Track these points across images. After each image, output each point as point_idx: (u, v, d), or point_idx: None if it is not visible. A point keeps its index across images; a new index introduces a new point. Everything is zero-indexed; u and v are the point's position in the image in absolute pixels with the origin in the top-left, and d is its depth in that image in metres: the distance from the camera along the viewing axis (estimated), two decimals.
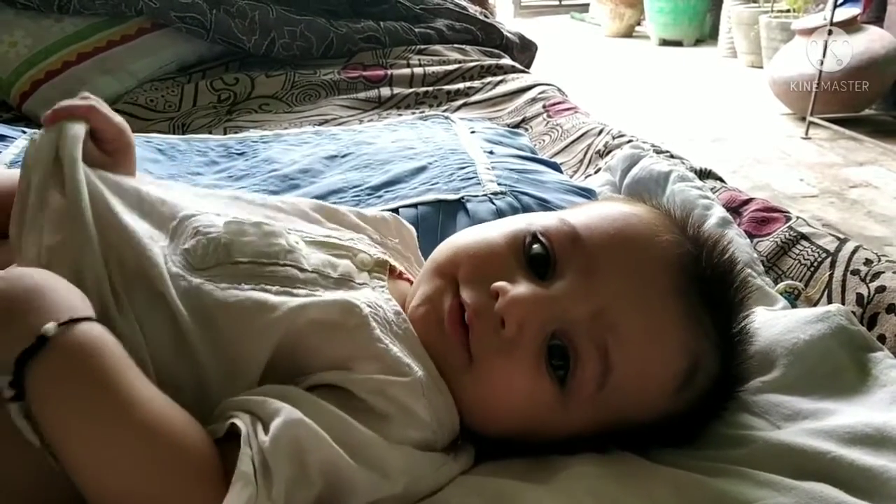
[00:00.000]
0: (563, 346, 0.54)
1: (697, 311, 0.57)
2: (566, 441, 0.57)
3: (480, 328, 0.54)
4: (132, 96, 1.60)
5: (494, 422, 0.57)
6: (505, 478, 0.54)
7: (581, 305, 0.55)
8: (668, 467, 0.56)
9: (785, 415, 0.62)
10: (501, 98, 1.64)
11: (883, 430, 0.56)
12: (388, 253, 0.67)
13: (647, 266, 0.57)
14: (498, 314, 0.54)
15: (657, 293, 0.56)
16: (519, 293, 0.54)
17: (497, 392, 0.55)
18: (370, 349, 0.53)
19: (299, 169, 1.03)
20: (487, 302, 0.55)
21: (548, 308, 0.54)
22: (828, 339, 0.67)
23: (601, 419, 0.57)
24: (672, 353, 0.56)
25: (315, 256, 0.59)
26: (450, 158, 1.03)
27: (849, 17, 3.38)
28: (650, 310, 0.55)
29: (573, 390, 0.54)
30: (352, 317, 0.54)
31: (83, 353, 0.44)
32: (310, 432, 0.47)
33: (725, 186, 1.07)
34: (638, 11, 6.20)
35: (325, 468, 0.47)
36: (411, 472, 0.52)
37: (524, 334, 0.54)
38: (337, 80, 1.68)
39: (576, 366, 0.54)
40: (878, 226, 2.53)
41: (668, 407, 0.57)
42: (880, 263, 0.81)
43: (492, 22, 2.10)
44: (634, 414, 0.57)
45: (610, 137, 1.27)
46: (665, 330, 0.56)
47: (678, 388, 0.57)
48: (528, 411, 0.56)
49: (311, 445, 0.47)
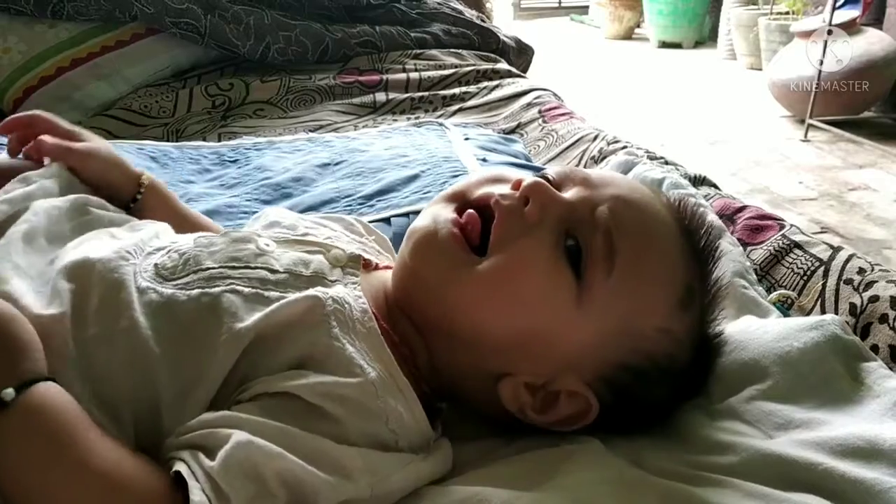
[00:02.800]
0: (577, 245, 0.57)
1: (687, 245, 0.61)
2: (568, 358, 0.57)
3: (505, 211, 0.58)
4: (126, 102, 1.60)
5: (504, 322, 0.57)
6: (490, 486, 0.53)
7: (587, 205, 0.59)
8: (656, 476, 0.55)
9: (777, 424, 0.61)
10: (497, 103, 1.63)
11: (874, 442, 0.56)
12: (364, 250, 0.67)
13: (644, 193, 0.62)
14: (522, 194, 0.58)
15: (653, 211, 0.61)
16: (541, 181, 0.59)
17: (516, 277, 0.56)
18: (326, 348, 0.53)
19: (292, 177, 1.03)
20: (511, 195, 0.59)
21: (564, 203, 0.58)
22: (821, 348, 0.66)
23: (607, 331, 0.57)
24: (671, 258, 0.59)
25: (287, 256, 0.59)
26: (443, 166, 1.03)
27: (848, 20, 3.38)
28: (648, 217, 0.60)
29: (587, 280, 0.56)
30: (313, 314, 0.54)
31: (41, 413, 0.46)
32: (260, 448, 0.47)
33: (720, 193, 1.07)
34: (637, 14, 6.21)
35: (284, 477, 0.47)
36: (373, 471, 0.51)
37: (545, 216, 0.57)
38: (332, 86, 1.68)
39: (587, 253, 0.56)
40: (877, 228, 2.52)
41: (671, 326, 0.58)
42: (874, 273, 0.80)
43: (488, 26, 2.10)
44: (638, 328, 0.57)
45: (605, 143, 1.27)
46: (663, 237, 0.60)
47: (679, 302, 0.58)
48: (542, 302, 0.56)
49: (265, 459, 0.47)
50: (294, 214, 0.71)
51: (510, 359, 0.58)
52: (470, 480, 0.55)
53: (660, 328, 0.58)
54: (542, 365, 0.58)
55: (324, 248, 0.62)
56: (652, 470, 0.56)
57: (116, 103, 1.59)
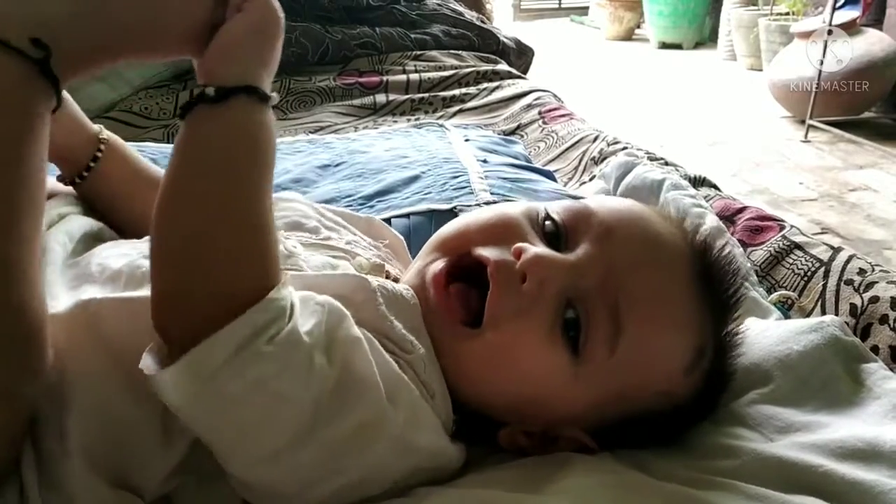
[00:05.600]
0: (577, 317, 0.54)
1: (703, 292, 0.58)
2: (566, 419, 0.57)
3: (502, 284, 0.54)
4: (127, 104, 1.59)
5: (500, 390, 0.56)
6: (492, 489, 0.53)
7: (594, 271, 0.55)
8: (658, 480, 0.55)
9: (778, 427, 0.61)
10: (497, 104, 1.63)
11: (875, 444, 0.56)
12: (382, 257, 0.67)
13: (661, 245, 0.58)
14: (520, 269, 0.54)
15: (669, 269, 0.57)
16: (542, 251, 0.55)
17: (510, 354, 0.54)
18: (376, 324, 0.52)
19: (292, 178, 1.03)
20: (509, 259, 0.55)
21: (565, 272, 0.55)
22: (821, 350, 0.66)
23: (606, 397, 0.56)
24: (682, 326, 0.57)
25: (315, 259, 0.60)
26: (443, 167, 1.03)
27: (848, 20, 3.38)
28: (663, 279, 0.56)
29: (586, 356, 0.54)
30: (361, 292, 0.53)
31: (271, 132, 0.49)
32: (348, 329, 0.48)
33: (720, 194, 1.07)
34: (637, 14, 6.20)
35: (349, 362, 0.47)
36: (413, 410, 0.51)
37: (543, 294, 0.54)
38: (332, 87, 1.68)
39: (588, 327, 0.54)
40: (877, 229, 2.52)
41: (672, 390, 0.57)
42: (874, 273, 0.80)
43: (488, 27, 2.10)
44: (639, 393, 0.56)
45: (605, 144, 1.27)
46: (676, 301, 0.57)
47: (685, 368, 0.57)
48: (538, 378, 0.55)
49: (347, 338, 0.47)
50: (311, 209, 0.70)
51: (509, 417, 0.58)
52: (472, 483, 0.55)
53: (661, 392, 0.57)
54: (541, 421, 0.58)
55: (349, 254, 0.62)
56: (654, 474, 0.56)
57: (117, 105, 1.59)
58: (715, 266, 0.60)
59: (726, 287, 0.60)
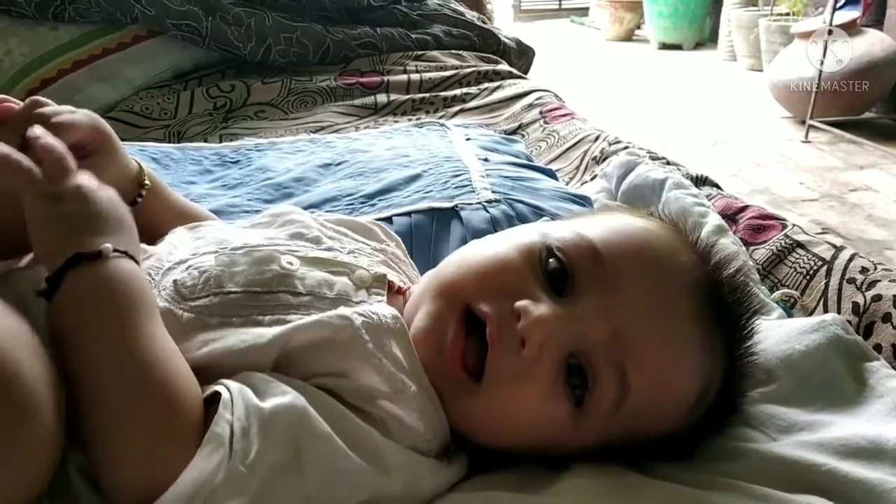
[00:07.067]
0: (580, 365, 0.53)
1: (713, 334, 0.57)
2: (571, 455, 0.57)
3: (500, 348, 0.53)
4: (128, 104, 1.60)
5: (503, 441, 0.57)
6: (496, 491, 0.54)
7: (600, 326, 0.54)
8: (660, 481, 0.55)
9: (781, 427, 0.61)
10: (498, 104, 1.63)
11: (878, 442, 0.56)
12: (387, 261, 0.67)
13: (668, 289, 0.56)
14: (519, 334, 0.52)
15: (678, 317, 0.56)
16: (543, 314, 0.53)
17: (509, 415, 0.54)
18: (364, 364, 0.52)
19: (293, 177, 1.03)
20: (510, 320, 0.53)
21: (568, 328, 0.53)
22: (823, 349, 0.66)
23: (611, 437, 0.56)
24: (689, 377, 0.56)
25: (311, 276, 0.59)
26: (444, 166, 1.02)
27: (848, 20, 3.38)
28: (670, 334, 0.55)
29: (589, 411, 0.54)
30: (343, 331, 0.53)
31: (125, 280, 0.49)
32: (312, 424, 0.47)
33: (721, 193, 1.07)
34: (638, 15, 6.21)
35: (322, 463, 0.47)
36: (410, 469, 0.51)
37: (543, 356, 0.53)
38: (333, 87, 1.67)
39: (594, 387, 0.53)
40: (878, 229, 2.52)
41: (678, 425, 0.57)
42: (876, 272, 0.80)
43: (489, 27, 2.10)
44: (643, 432, 0.56)
45: (606, 144, 1.27)
46: (684, 355, 0.56)
47: (690, 408, 0.57)
48: (539, 431, 0.55)
49: (311, 435, 0.47)
50: (313, 220, 0.68)
51: (520, 453, 0.58)
52: (476, 486, 0.55)
53: (664, 431, 0.57)
54: (552, 455, 0.58)
55: (349, 268, 0.61)
56: (656, 474, 0.56)
57: (118, 105, 1.59)
58: (733, 292, 0.59)
59: (742, 329, 0.60)
